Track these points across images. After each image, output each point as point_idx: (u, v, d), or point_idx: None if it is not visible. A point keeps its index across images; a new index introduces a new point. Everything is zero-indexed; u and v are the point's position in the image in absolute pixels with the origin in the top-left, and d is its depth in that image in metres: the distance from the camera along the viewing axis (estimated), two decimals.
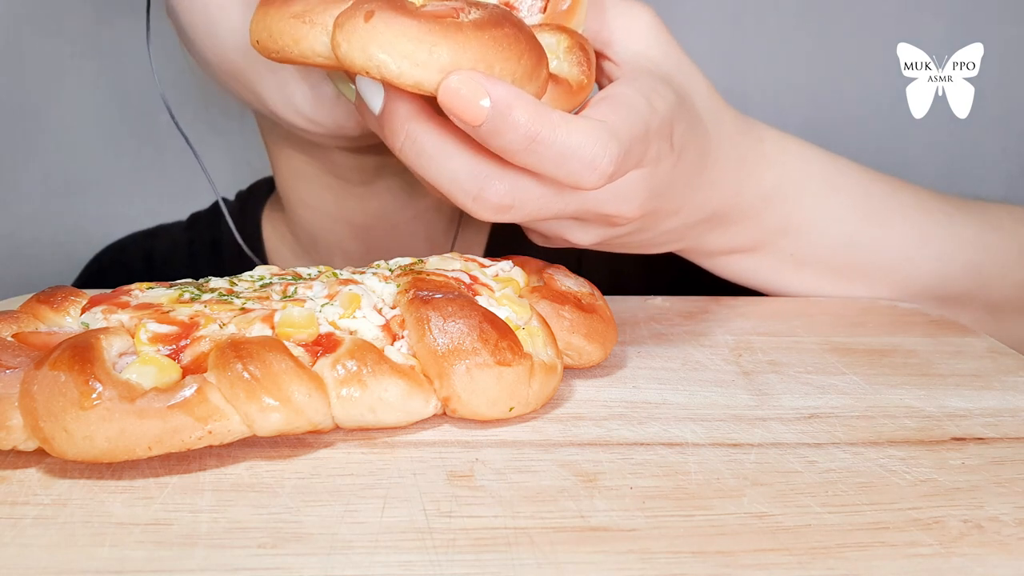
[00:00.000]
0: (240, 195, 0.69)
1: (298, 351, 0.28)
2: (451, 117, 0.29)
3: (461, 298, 0.30)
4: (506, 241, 0.63)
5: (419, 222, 0.59)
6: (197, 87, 0.78)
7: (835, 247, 0.46)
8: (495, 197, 0.32)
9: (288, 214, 0.62)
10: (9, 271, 0.84)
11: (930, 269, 0.47)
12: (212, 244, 0.68)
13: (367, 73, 0.29)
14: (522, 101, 0.29)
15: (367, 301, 0.30)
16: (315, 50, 0.30)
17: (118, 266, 0.70)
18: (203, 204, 0.73)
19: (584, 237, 0.39)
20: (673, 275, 0.56)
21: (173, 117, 0.55)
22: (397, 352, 0.29)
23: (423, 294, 0.30)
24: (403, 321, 0.30)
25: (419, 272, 0.33)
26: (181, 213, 0.73)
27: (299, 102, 0.45)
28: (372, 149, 0.49)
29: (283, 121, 0.47)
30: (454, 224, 0.62)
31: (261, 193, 0.68)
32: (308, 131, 0.47)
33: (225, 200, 0.68)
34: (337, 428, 0.28)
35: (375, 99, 0.32)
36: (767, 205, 0.44)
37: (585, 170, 0.30)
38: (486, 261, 0.35)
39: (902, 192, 0.47)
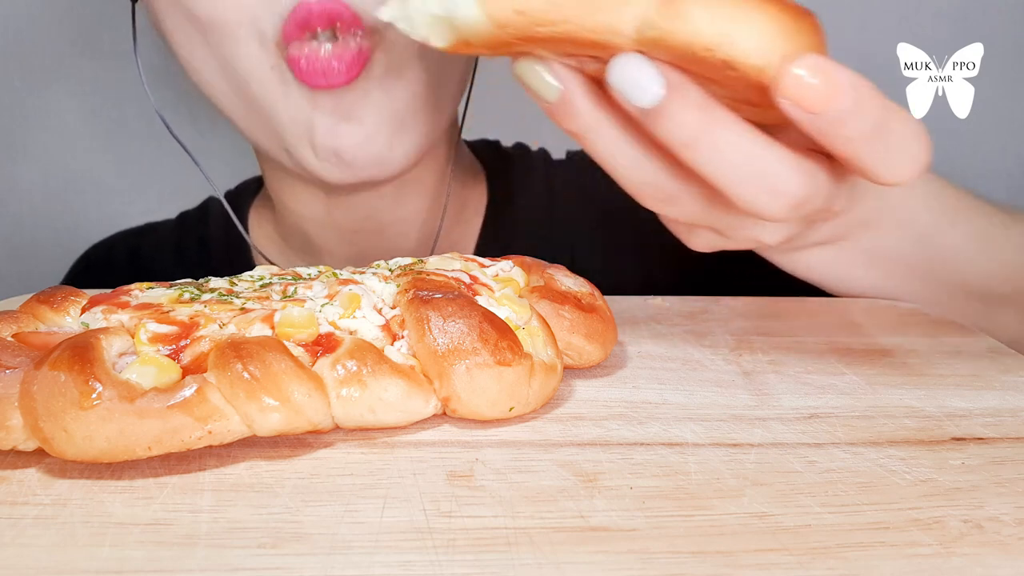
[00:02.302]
0: (228, 194, 0.69)
1: (298, 351, 0.28)
2: (799, 105, 0.27)
3: (461, 298, 0.30)
4: (496, 239, 0.63)
5: (406, 225, 0.60)
6: (183, 91, 0.78)
7: (907, 243, 0.46)
8: (821, 202, 0.30)
9: (278, 216, 0.63)
10: (9, 271, 0.84)
11: (986, 270, 0.47)
12: (200, 243, 0.68)
13: (707, 51, 0.26)
14: (870, 84, 0.27)
15: (367, 301, 0.30)
16: (610, 24, 0.26)
17: (105, 264, 0.70)
18: (198, 203, 0.73)
19: (775, 235, 0.36)
20: (670, 275, 0.56)
21: (169, 128, 0.56)
22: (397, 352, 0.29)
23: (423, 294, 0.30)
24: (403, 321, 0.30)
25: (419, 272, 0.33)
26: (178, 213, 0.73)
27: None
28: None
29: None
30: (436, 227, 0.62)
31: (248, 192, 0.68)
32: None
33: (213, 199, 0.68)
34: (337, 428, 0.28)
35: (652, 86, 0.28)
36: (860, 198, 0.43)
37: (914, 157, 0.29)
38: (486, 261, 0.35)
39: (964, 194, 0.47)
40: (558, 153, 0.71)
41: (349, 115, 0.46)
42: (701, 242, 0.38)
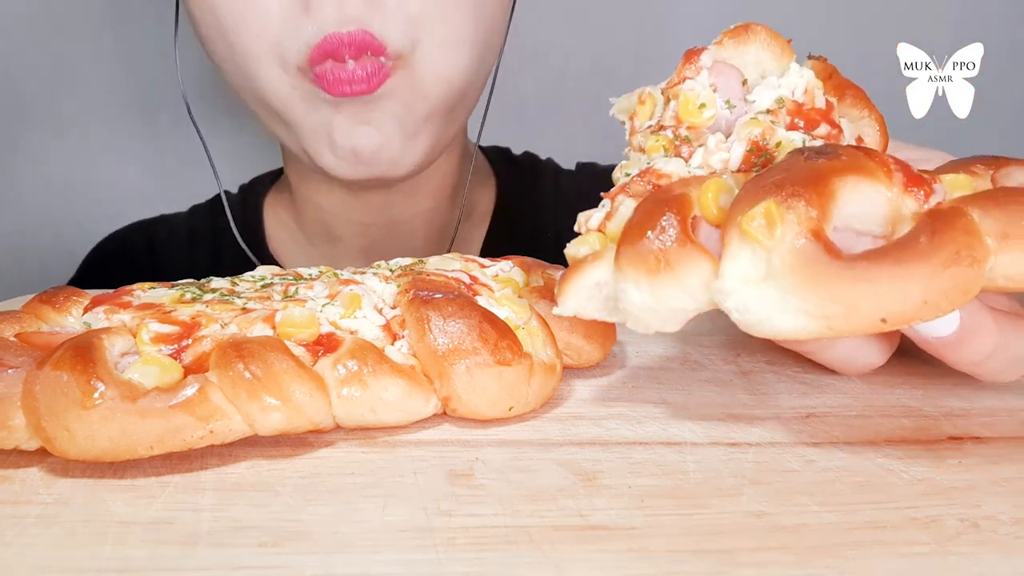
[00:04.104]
0: (242, 187, 0.72)
1: (299, 351, 0.28)
2: None
3: (461, 298, 0.30)
4: (502, 241, 0.64)
5: (417, 222, 0.62)
6: (206, 86, 0.78)
7: None
8: None
9: (297, 205, 0.65)
10: (11, 271, 0.84)
11: None
12: (213, 232, 0.70)
13: None
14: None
15: (368, 301, 0.30)
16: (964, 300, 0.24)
17: (120, 254, 0.72)
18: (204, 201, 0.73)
19: None
20: None
21: (191, 115, 0.58)
22: (397, 352, 0.29)
23: (423, 294, 0.30)
24: (403, 321, 0.30)
25: (419, 272, 0.33)
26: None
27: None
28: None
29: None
30: (452, 225, 0.63)
31: (262, 185, 0.71)
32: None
33: (227, 192, 0.70)
34: (338, 427, 0.28)
35: (952, 321, 0.27)
36: None
37: None
38: (486, 261, 0.36)
39: None
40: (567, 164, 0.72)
41: (367, 120, 0.50)
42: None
